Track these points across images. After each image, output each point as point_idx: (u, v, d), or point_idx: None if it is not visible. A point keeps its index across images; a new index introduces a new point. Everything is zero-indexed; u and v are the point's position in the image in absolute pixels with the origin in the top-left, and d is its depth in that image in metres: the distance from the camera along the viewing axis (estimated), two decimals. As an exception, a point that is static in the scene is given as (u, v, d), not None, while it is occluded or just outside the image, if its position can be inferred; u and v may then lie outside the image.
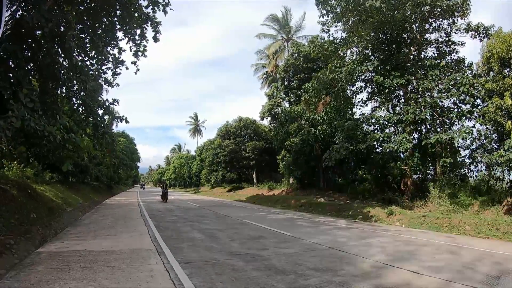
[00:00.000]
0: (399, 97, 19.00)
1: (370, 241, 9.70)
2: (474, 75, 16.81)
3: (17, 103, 7.45)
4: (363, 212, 16.93)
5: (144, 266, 5.92)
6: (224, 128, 50.39)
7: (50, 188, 16.21)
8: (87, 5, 11.07)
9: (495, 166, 14.90)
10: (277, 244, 8.58)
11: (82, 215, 14.76)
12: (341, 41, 20.18)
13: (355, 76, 19.04)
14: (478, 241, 10.33)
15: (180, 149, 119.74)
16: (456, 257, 7.52)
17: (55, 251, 7.09)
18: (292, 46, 35.29)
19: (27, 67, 9.45)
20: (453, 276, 5.78)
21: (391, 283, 5.30)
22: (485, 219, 12.79)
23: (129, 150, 57.50)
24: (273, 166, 41.63)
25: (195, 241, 8.80)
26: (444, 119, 17.13)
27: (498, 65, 15.46)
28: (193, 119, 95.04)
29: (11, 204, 9.28)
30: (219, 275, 5.49)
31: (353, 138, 19.47)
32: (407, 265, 6.56)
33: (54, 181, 20.61)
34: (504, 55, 15.03)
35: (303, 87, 22.30)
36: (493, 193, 15.35)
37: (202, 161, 62.52)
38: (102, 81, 12.36)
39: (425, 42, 18.72)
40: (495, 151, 15.17)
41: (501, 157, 13.91)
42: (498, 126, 15.34)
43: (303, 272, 5.85)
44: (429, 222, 13.69)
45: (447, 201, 15.53)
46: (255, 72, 47.46)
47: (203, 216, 15.34)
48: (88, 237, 9.00)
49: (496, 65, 15.48)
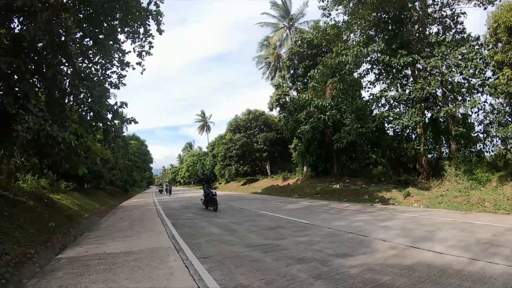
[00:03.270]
0: (408, 76, 18.68)
1: (389, 223, 9.59)
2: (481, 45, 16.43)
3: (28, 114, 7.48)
4: (380, 196, 16.80)
5: (164, 264, 5.91)
6: (234, 122, 50.53)
7: (66, 196, 16.41)
8: (85, 12, 11.05)
9: (511, 140, 14.62)
10: (295, 233, 8.52)
11: (99, 219, 14.88)
12: (343, 24, 19.86)
13: (362, 57, 18.79)
14: (499, 218, 10.16)
15: (191, 147, 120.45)
16: (477, 235, 7.37)
17: (74, 256, 7.13)
18: (295, 34, 35.05)
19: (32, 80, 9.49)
20: (476, 254, 5.65)
21: (413, 264, 5.20)
22: (504, 194, 12.58)
23: (141, 152, 57.98)
24: (285, 156, 41.65)
25: (212, 236, 8.79)
26: (455, 95, 16.84)
27: (506, 35, 15.14)
28: (201, 116, 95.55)
29: (29, 215, 9.39)
30: (239, 267, 5.46)
31: (362, 119, 19.25)
32: (428, 245, 6.45)
33: (70, 189, 20.81)
34: (511, 24, 14.68)
35: (309, 74, 22.13)
36: (510, 168, 15.09)
37: (214, 156, 62.67)
38: (108, 85, 12.35)
39: (428, 17, 18.32)
40: (509, 124, 14.89)
41: (516, 129, 13.65)
42: (511, 98, 15.03)
43: (323, 258, 5.78)
44: (447, 201, 13.51)
45: (464, 179, 15.30)
46: (258, 64, 47.14)
47: (219, 210, 15.34)
48: (106, 240, 9.05)
49: (504, 36, 15.16)
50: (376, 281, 4.50)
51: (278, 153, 45.27)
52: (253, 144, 46.29)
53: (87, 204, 17.92)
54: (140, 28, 12.02)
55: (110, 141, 12.52)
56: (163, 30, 12.23)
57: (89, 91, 10.33)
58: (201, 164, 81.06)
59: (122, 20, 11.47)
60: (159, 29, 12.13)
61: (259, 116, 48.09)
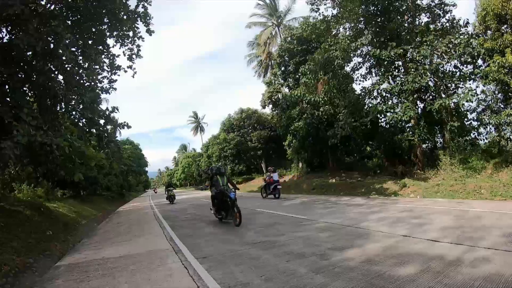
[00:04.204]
0: (399, 68, 18.74)
1: (386, 215, 9.64)
2: (471, 34, 16.50)
3: (21, 123, 7.45)
4: (376, 188, 16.88)
5: (163, 266, 5.90)
6: (227, 121, 50.50)
7: (63, 204, 16.35)
8: (73, 19, 10.99)
9: (504, 126, 14.72)
10: (293, 228, 8.54)
11: (97, 225, 14.81)
12: (332, 18, 19.83)
13: (351, 52, 18.81)
14: (495, 204, 10.25)
15: (186, 149, 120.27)
16: (475, 222, 7.42)
17: (74, 263, 7.10)
18: (284, 30, 35.04)
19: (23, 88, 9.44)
20: (474, 241, 5.68)
21: (412, 254, 5.23)
22: (500, 181, 12.68)
23: (136, 156, 57.68)
24: (280, 153, 41.58)
25: (211, 235, 8.78)
26: (447, 84, 16.91)
27: (495, 23, 15.22)
28: (194, 117, 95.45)
29: (27, 224, 9.37)
30: (238, 265, 5.46)
31: (356, 113, 19.30)
32: (426, 234, 6.48)
33: (66, 197, 20.73)
34: (499, 11, 14.77)
35: (300, 70, 22.13)
36: (505, 154, 15.20)
37: (209, 157, 62.47)
38: (99, 90, 12.29)
39: (417, 8, 18.36)
40: (502, 111, 14.98)
41: (509, 116, 13.75)
42: (502, 85, 15.12)
43: (322, 252, 5.80)
44: (443, 190, 13.61)
45: (459, 167, 15.39)
46: (249, 63, 46.96)
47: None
48: (105, 245, 9.02)
49: (493, 23, 15.24)
50: (376, 272, 4.52)
51: (273, 150, 45.24)
52: (247, 142, 46.25)
53: (84, 211, 17.84)
54: (129, 32, 11.98)
55: (103, 146, 12.49)
56: (152, 30, 12.22)
57: (80, 97, 10.29)
58: (196, 165, 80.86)
59: (111, 24, 11.43)
60: (149, 30, 12.10)
61: (252, 115, 48.04)
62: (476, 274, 4.09)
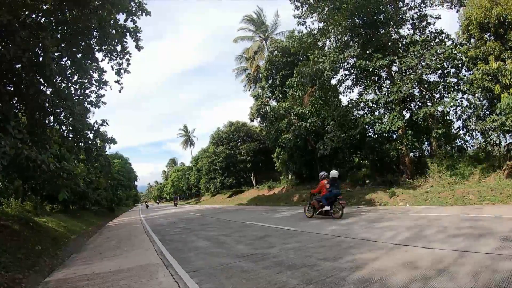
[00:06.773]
0: (384, 79, 19.02)
1: (376, 224, 9.71)
2: (455, 45, 16.87)
3: (6, 136, 7.37)
4: (366, 198, 16.99)
5: (153, 281, 5.84)
6: (216, 134, 50.50)
7: (51, 219, 16.11)
8: (62, 31, 10.98)
9: (490, 132, 14.95)
10: (284, 240, 8.53)
11: (86, 240, 14.63)
12: (318, 31, 20.13)
13: (339, 64, 19.05)
14: (484, 209, 10.38)
15: (175, 163, 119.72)
16: (465, 228, 7.51)
17: (63, 278, 7.00)
18: (271, 44, 35.38)
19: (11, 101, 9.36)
20: (466, 246, 5.76)
21: (403, 262, 5.26)
22: (488, 185, 12.88)
23: (125, 170, 57.16)
24: (269, 165, 41.72)
25: (201, 249, 8.72)
26: (432, 93, 17.22)
27: (478, 31, 15.55)
28: (183, 131, 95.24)
29: (15, 239, 9.21)
30: (229, 278, 5.43)
31: (345, 125, 19.49)
32: (417, 242, 6.55)
33: (55, 212, 20.42)
34: (482, 20, 15.09)
35: (287, 83, 22.36)
36: (492, 159, 15.49)
37: (199, 170, 62.32)
38: (87, 104, 12.25)
39: (401, 20, 18.76)
40: (487, 117, 15.25)
41: (494, 122, 13.99)
42: (487, 91, 15.42)
43: (313, 263, 5.80)
44: (432, 197, 13.75)
45: (447, 174, 15.60)
46: (237, 76, 47.39)
47: (206, 224, 15.27)
48: (94, 260, 8.90)
49: (476, 31, 15.58)
50: (367, 281, 4.54)
51: (262, 162, 45.34)
52: (237, 155, 46.29)
53: (74, 225, 17.58)
54: (117, 46, 11.98)
55: (92, 160, 12.39)
56: (141, 46, 12.21)
57: (69, 110, 10.23)
58: (186, 179, 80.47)
59: (100, 38, 11.43)
60: (138, 45, 12.10)
61: (241, 127, 48.18)
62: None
